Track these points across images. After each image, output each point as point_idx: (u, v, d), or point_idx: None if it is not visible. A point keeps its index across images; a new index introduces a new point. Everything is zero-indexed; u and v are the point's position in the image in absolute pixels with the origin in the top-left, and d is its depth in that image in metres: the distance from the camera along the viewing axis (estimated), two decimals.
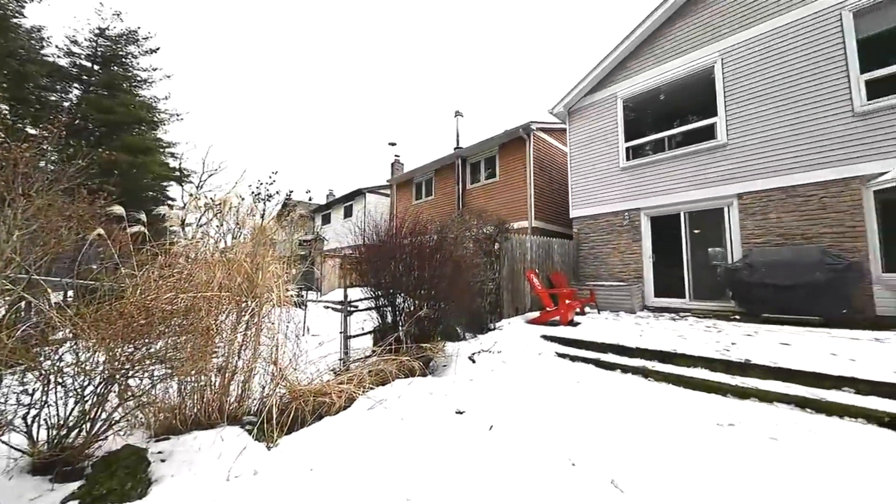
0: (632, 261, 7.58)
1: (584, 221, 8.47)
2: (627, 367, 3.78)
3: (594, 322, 5.75)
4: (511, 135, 10.13)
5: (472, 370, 3.76)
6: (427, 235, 4.37)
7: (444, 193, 12.58)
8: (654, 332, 4.86)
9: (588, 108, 8.54)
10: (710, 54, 6.72)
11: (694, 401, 2.99)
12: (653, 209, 7.38)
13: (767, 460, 2.05)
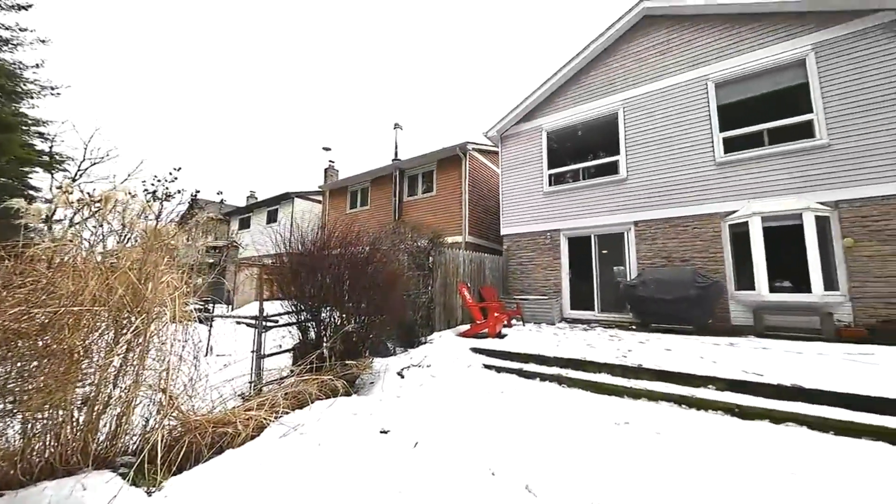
0: (552, 277, 8.31)
1: (512, 239, 9.07)
2: (545, 376, 4.08)
3: (519, 334, 6.11)
4: (449, 152, 10.50)
5: (401, 386, 3.68)
6: (360, 246, 4.23)
7: (381, 204, 12.40)
8: (570, 341, 5.34)
9: (518, 136, 9.30)
10: (614, 102, 7.90)
11: (598, 403, 3.34)
12: (570, 231, 8.24)
13: (652, 452, 2.37)
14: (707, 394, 3.13)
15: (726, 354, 4.22)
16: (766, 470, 2.11)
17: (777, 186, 6.12)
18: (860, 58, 5.69)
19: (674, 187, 7.04)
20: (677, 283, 6.09)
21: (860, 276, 5.42)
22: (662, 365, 3.72)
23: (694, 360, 3.96)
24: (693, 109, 7.00)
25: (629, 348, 4.67)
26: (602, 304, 7.75)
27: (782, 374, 3.22)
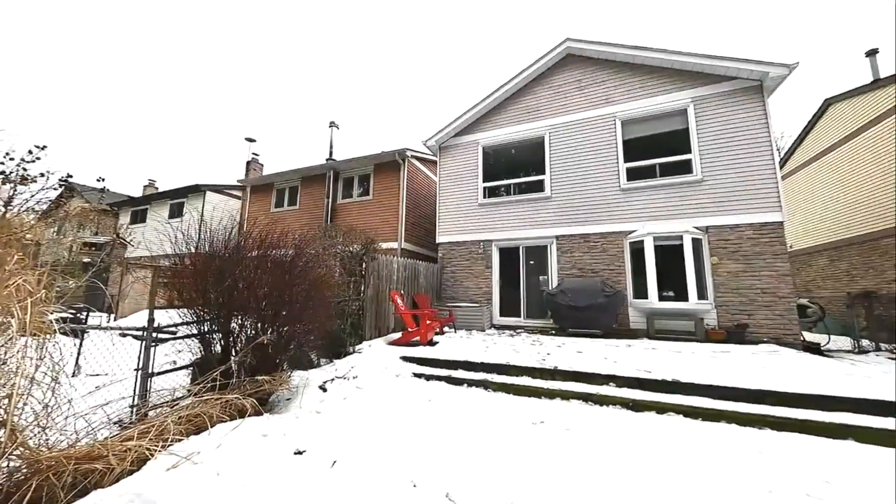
0: (484, 285, 8.66)
1: (448, 247, 9.25)
2: (472, 381, 4.20)
3: (451, 341, 6.21)
4: (387, 157, 10.37)
5: (322, 401, 3.44)
6: (283, 249, 3.90)
7: (311, 205, 11.66)
8: (497, 347, 5.59)
9: (456, 148, 9.61)
10: (542, 127, 8.67)
11: (519, 405, 3.53)
12: (501, 241, 8.72)
13: (562, 447, 2.57)
14: (608, 391, 3.54)
15: (625, 355, 4.83)
16: (649, 454, 2.45)
17: (666, 212, 7.29)
18: (724, 112, 7.14)
19: (588, 207, 7.94)
20: (589, 292, 6.83)
21: (722, 288, 6.71)
22: (574, 366, 4.10)
23: (599, 360, 4.44)
24: (604, 141, 8.02)
25: (548, 352, 5.07)
26: (528, 311, 8.30)
27: (665, 371, 3.79)
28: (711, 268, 6.81)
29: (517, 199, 8.74)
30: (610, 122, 8.03)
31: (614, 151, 7.88)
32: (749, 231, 6.66)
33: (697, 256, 6.85)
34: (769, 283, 6.44)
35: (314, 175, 11.75)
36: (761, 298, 6.44)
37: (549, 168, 8.44)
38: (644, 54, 7.72)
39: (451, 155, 9.64)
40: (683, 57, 7.34)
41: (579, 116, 8.35)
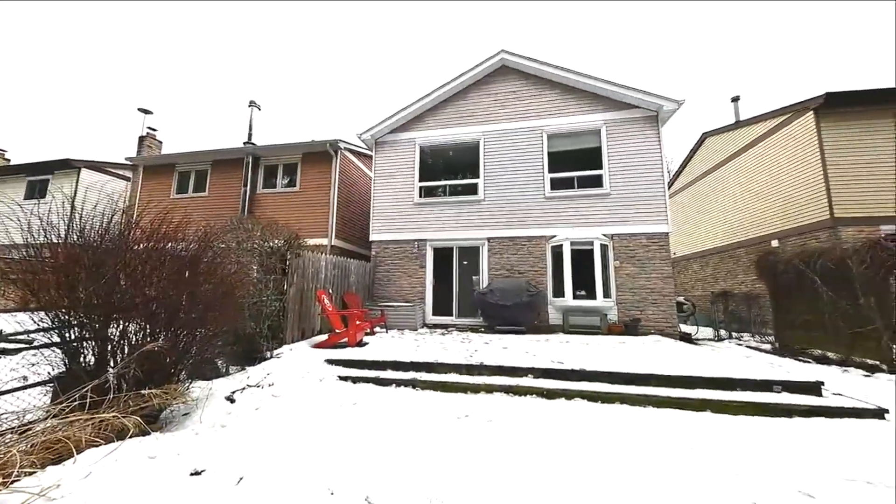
0: (418, 284, 8.68)
1: (382, 245, 9.05)
2: (401, 381, 4.17)
3: (381, 341, 6.09)
4: (318, 146, 9.75)
5: (229, 413, 3.08)
6: (185, 241, 3.39)
7: (224, 193, 10.39)
8: (428, 346, 5.64)
9: (392, 144, 9.45)
10: (477, 131, 9.01)
11: (445, 401, 3.61)
12: (436, 241, 8.83)
13: (483, 437, 2.70)
14: (527, 382, 3.82)
15: (543, 349, 5.27)
16: (556, 436, 2.71)
17: (581, 220, 8.15)
18: (629, 136, 8.24)
19: (517, 212, 8.48)
20: (515, 291, 7.30)
21: (622, 288, 7.73)
22: (499, 361, 4.34)
23: (521, 355, 4.78)
24: (533, 151, 8.66)
25: (476, 349, 5.28)
26: (460, 310, 8.55)
27: (575, 362, 4.23)
28: (614, 270, 7.82)
29: (452, 200, 8.94)
30: (538, 134, 8.70)
31: (541, 162, 8.55)
32: (643, 239, 7.81)
33: (604, 260, 7.80)
34: (657, 284, 7.62)
35: (229, 160, 10.49)
36: (651, 297, 7.59)
37: (483, 172, 8.82)
38: (568, 75, 8.53)
39: (388, 151, 9.46)
40: (599, 83, 8.29)
41: (512, 126, 8.88)
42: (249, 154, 10.15)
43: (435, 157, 9.90)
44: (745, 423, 3.01)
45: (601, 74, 8.24)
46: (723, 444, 2.60)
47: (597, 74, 8.30)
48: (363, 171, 11.50)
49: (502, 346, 5.49)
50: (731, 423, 3.01)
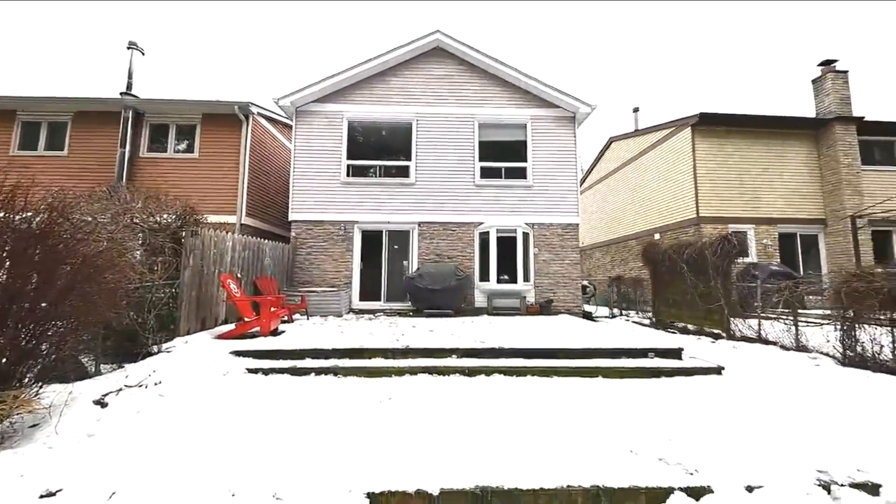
0: (344, 268, 8.26)
1: (303, 226, 8.35)
2: (322, 369, 3.94)
3: (301, 329, 5.67)
4: (224, 108, 8.43)
5: (99, 419, 2.55)
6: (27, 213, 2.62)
7: (92, 153, 8.39)
8: (353, 331, 5.44)
9: (317, 115, 8.66)
10: (410, 112, 8.77)
11: (369, 386, 3.54)
12: (365, 224, 8.47)
13: (404, 417, 2.71)
14: (450, 362, 3.95)
15: (468, 330, 5.50)
16: (471, 407, 2.86)
17: (507, 208, 8.61)
18: (550, 133, 8.87)
19: (448, 198, 8.58)
20: (444, 275, 7.44)
21: (539, 273, 8.46)
22: (424, 344, 4.40)
23: (447, 336, 4.92)
24: (465, 139, 8.78)
25: (403, 332, 5.27)
26: (388, 294, 8.41)
27: (495, 341, 4.51)
28: (534, 257, 8.50)
29: (384, 182, 8.63)
30: (470, 122, 8.83)
31: (472, 150, 8.73)
32: (558, 229, 8.61)
33: (525, 247, 8.41)
34: (567, 270, 8.52)
35: (100, 112, 8.44)
36: (562, 281, 8.47)
37: (416, 155, 8.66)
38: (500, 66, 8.76)
39: (311, 122, 8.64)
40: (528, 79, 8.70)
41: (445, 110, 8.84)
42: (129, 108, 8.28)
43: (366, 135, 9.39)
44: (627, 384, 3.57)
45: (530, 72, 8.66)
46: (607, 402, 3.05)
47: (527, 71, 8.69)
48: (282, 143, 10.37)
49: (429, 329, 5.58)
50: (616, 385, 3.54)
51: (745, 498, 1.72)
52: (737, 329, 6.09)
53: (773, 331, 5.59)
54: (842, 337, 4.45)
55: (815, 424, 2.64)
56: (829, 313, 4.87)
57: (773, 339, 5.48)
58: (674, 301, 7.65)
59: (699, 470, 1.89)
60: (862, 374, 3.96)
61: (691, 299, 6.92)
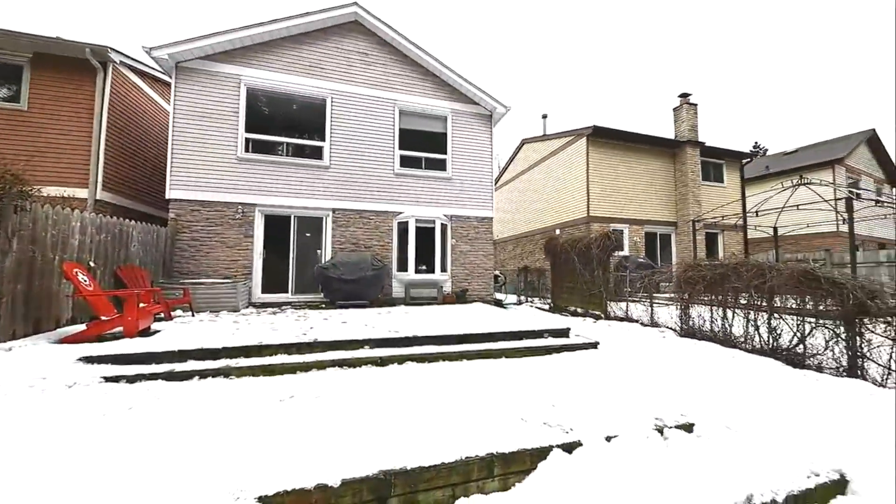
0: (241, 257, 7.29)
1: (187, 206, 7.06)
2: (209, 371, 3.42)
3: (183, 327, 4.82)
4: (69, 49, 6.55)
5: None
6: None
7: None
8: (251, 327, 4.84)
9: (207, 75, 7.34)
10: (325, 88, 8.09)
11: (268, 385, 3.19)
12: (268, 208, 7.57)
13: (307, 413, 2.52)
14: (362, 353, 3.82)
15: (384, 320, 5.40)
16: (382, 396, 2.83)
17: (427, 199, 8.65)
18: (469, 129, 9.17)
19: (366, 184, 8.22)
20: (360, 265, 7.15)
21: (455, 263, 8.76)
22: (335, 336, 4.16)
23: (360, 327, 4.74)
24: (384, 124, 8.49)
25: (311, 326, 4.90)
26: (297, 286, 7.74)
27: (410, 330, 4.52)
28: (451, 248, 8.76)
29: (293, 162, 7.82)
30: (390, 107, 8.56)
31: (392, 136, 8.50)
32: (475, 222, 9.03)
33: (443, 238, 8.61)
34: (482, 261, 9.02)
35: None
36: (476, 271, 8.94)
37: (330, 136, 8.05)
38: (421, 54, 8.66)
39: (199, 83, 7.29)
40: (449, 71, 8.80)
41: (364, 91, 8.39)
42: None
43: (273, 108, 8.33)
44: (524, 362, 3.96)
45: (452, 65, 8.77)
46: (507, 379, 3.33)
47: (449, 64, 8.77)
48: (161, 107, 8.55)
49: (342, 321, 5.31)
50: (516, 363, 3.89)
51: (605, 446, 2.06)
52: (612, 311, 7.27)
53: (637, 311, 6.84)
54: (680, 314, 5.68)
55: (656, 382, 3.31)
56: (673, 296, 6.16)
57: (636, 317, 6.70)
58: (568, 288, 8.76)
59: (573, 429, 2.19)
60: (692, 342, 5.12)
61: (580, 287, 8.01)
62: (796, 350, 4.15)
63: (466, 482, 1.93)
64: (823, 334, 3.98)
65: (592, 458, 2.02)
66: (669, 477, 1.94)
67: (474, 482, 1.94)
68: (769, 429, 2.54)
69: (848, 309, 3.73)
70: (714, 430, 2.37)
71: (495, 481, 1.97)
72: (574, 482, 1.88)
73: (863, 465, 2.25)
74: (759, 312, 4.58)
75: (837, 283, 3.84)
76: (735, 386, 3.38)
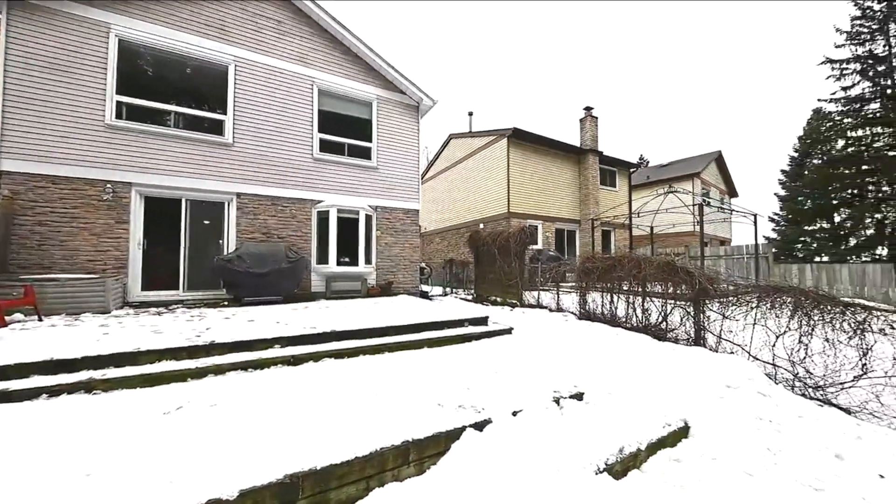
0: (113, 247, 5.99)
1: (27, 181, 5.51)
2: (62, 387, 2.75)
3: (24, 335, 3.78)
4: None
5: None
6: None
7: None
8: (126, 331, 4.04)
9: (59, 16, 5.77)
10: (228, 53, 7.05)
11: (151, 397, 2.71)
12: (150, 188, 6.35)
13: (204, 424, 2.21)
14: (272, 353, 3.50)
15: (299, 316, 5.02)
16: (296, 396, 2.64)
17: (350, 188, 8.24)
18: (396, 118, 8.96)
19: (280, 169, 7.46)
20: (272, 257, 6.50)
21: (381, 255, 8.57)
22: (239, 336, 3.72)
23: (272, 325, 4.33)
24: (301, 103, 7.78)
25: (208, 326, 4.29)
26: (192, 281, 6.69)
27: (329, 324, 4.29)
28: (376, 239, 8.54)
29: (185, 135, 6.66)
30: (308, 85, 7.88)
31: (310, 117, 7.85)
32: (401, 213, 8.93)
33: (368, 229, 8.33)
34: (408, 253, 9.00)
35: None
36: (402, 263, 8.89)
37: (235, 109, 7.07)
38: (345, 34, 8.14)
39: (47, 24, 5.68)
40: (374, 55, 8.44)
41: (278, 64, 7.55)
42: None
43: (160, 69, 6.94)
44: (445, 350, 4.09)
45: (378, 49, 8.42)
46: (427, 368, 3.41)
47: (373, 46, 8.40)
48: None
49: (248, 319, 4.77)
50: (437, 352, 4.01)
51: (511, 421, 2.26)
52: (527, 299, 7.97)
53: (546, 299, 7.61)
54: (579, 300, 6.50)
55: (557, 360, 3.75)
56: (574, 284, 7.02)
57: (546, 304, 7.46)
58: (489, 279, 9.30)
59: (485, 408, 2.35)
60: (588, 324, 5.91)
61: (500, 278, 8.57)
62: (661, 326, 5.11)
63: (382, 472, 1.92)
64: (679, 313, 4.96)
65: (501, 432, 2.19)
66: (563, 439, 2.22)
67: (390, 471, 1.95)
68: (638, 391, 3.08)
69: (696, 292, 4.71)
70: (599, 396, 2.78)
71: (411, 467, 2.00)
72: (484, 456, 2.02)
73: (700, 414, 2.88)
74: (636, 297, 5.50)
75: (689, 272, 4.82)
76: (616, 358, 4.02)
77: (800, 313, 3.80)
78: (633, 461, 2.21)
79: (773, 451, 2.50)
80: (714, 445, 2.50)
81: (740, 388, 3.37)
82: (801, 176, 26.25)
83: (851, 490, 2.16)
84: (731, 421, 2.83)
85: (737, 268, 12.21)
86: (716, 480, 2.16)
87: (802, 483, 2.19)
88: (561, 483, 1.85)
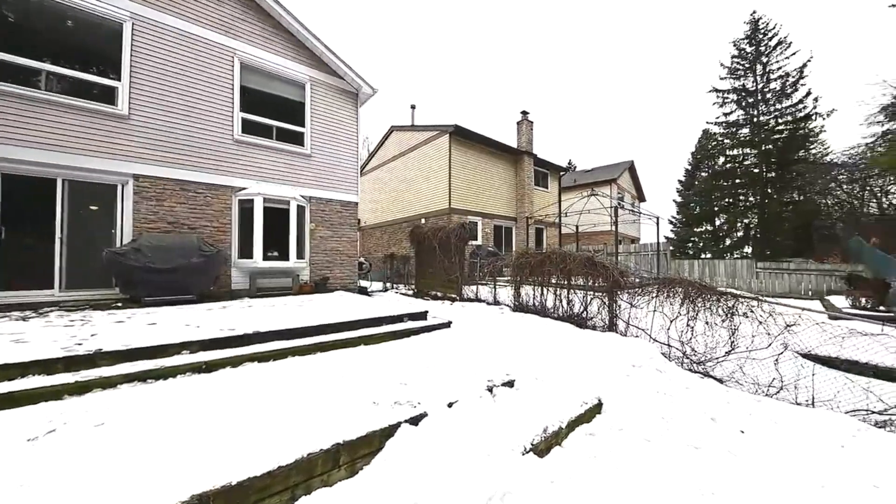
0: None
1: None
2: None
3: None
4: None
5: None
6: None
7: None
8: None
9: None
10: (122, 9, 5.92)
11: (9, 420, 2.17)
12: (10, 164, 5.08)
13: (83, 450, 1.83)
14: (180, 360, 3.05)
15: (215, 317, 4.47)
16: (206, 407, 2.35)
17: (278, 176, 7.57)
18: (333, 104, 8.44)
19: (192, 149, 6.53)
20: (180, 251, 5.68)
21: (315, 250, 8.06)
22: (134, 343, 3.17)
23: (179, 328, 3.78)
24: (220, 76, 6.90)
25: (94, 332, 3.59)
26: (71, 279, 5.55)
27: (251, 325, 3.89)
28: (310, 232, 7.99)
29: (62, 101, 5.44)
30: (229, 56, 7.01)
31: (231, 93, 7.00)
32: (338, 206, 8.49)
33: (300, 221, 7.75)
34: (345, 247, 8.60)
35: None
36: (339, 258, 8.47)
37: (130, 76, 5.98)
38: (272, 3, 7.39)
39: None
40: (307, 33, 7.82)
41: (189, 28, 6.56)
42: None
43: (29, 18, 5.53)
44: (383, 347, 4.01)
45: (310, 25, 7.80)
46: (363, 366, 3.30)
47: (304, 20, 7.76)
48: None
49: (148, 323, 4.10)
50: (374, 349, 3.90)
51: (447, 412, 2.29)
52: (466, 293, 8.18)
53: (484, 292, 7.91)
54: (514, 293, 6.88)
55: (491, 350, 3.92)
56: (510, 278, 7.40)
57: (484, 298, 7.75)
58: (430, 274, 9.34)
59: (421, 402, 2.34)
60: (521, 315, 6.27)
61: (441, 272, 8.67)
62: (583, 315, 5.65)
63: (309, 479, 1.80)
64: (597, 303, 5.54)
65: (436, 425, 2.20)
66: (495, 425, 2.32)
67: (318, 477, 1.84)
68: (562, 375, 3.36)
69: (610, 284, 5.30)
70: (527, 382, 2.96)
71: (342, 470, 1.91)
72: (419, 450, 2.01)
73: (611, 391, 3.24)
74: (562, 290, 5.99)
75: (606, 266, 5.40)
76: (544, 346, 4.33)
77: (687, 301, 4.50)
78: (555, 439, 2.39)
79: (666, 419, 2.92)
80: (621, 418, 2.84)
81: (643, 366, 3.88)
82: (693, 185, 31.31)
83: (721, 445, 2.63)
84: (635, 395, 3.25)
85: (643, 263, 14.07)
86: (622, 448, 2.45)
87: (687, 444, 2.60)
88: (490, 467, 1.93)
